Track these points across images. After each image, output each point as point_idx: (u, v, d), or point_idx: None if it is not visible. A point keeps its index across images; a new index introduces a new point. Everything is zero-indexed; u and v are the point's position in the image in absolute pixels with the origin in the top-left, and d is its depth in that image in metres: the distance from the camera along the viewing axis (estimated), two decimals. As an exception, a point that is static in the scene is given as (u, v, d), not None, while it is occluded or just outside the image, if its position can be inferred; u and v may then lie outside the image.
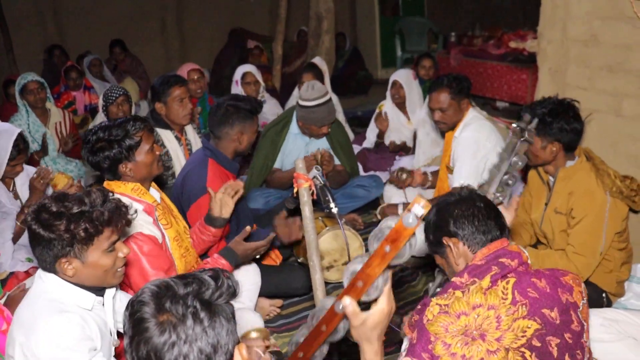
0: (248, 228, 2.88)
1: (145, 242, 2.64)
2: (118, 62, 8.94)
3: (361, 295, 1.53)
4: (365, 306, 1.61)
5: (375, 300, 1.58)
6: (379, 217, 4.31)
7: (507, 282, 1.87)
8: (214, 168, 3.43)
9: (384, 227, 1.47)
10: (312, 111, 4.31)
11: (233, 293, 1.46)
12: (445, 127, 3.99)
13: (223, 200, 2.98)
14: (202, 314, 1.37)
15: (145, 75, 9.03)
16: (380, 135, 5.71)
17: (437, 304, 1.87)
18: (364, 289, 1.51)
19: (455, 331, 1.79)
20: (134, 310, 1.39)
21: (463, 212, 2.07)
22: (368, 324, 1.58)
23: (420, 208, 1.36)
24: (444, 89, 3.84)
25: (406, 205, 3.95)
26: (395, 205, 4.04)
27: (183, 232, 3.03)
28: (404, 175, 4.38)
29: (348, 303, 1.54)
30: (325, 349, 1.77)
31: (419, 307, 1.98)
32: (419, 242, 1.53)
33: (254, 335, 2.86)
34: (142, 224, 2.65)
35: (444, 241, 2.11)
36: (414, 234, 1.43)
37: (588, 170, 3.01)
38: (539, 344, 1.79)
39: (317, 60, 6.31)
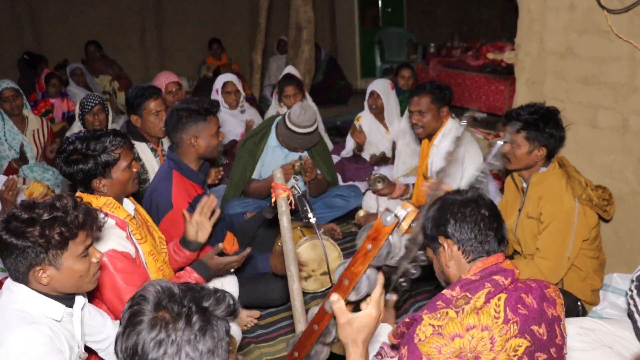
0: (220, 245, 2.80)
1: (119, 259, 2.53)
2: (94, 62, 8.82)
3: (348, 292, 1.59)
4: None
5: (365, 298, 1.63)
6: (371, 185, 4.31)
7: (499, 299, 1.85)
8: (178, 181, 3.31)
9: (368, 227, 1.53)
10: (297, 137, 4.31)
11: (232, 311, 1.46)
12: (421, 132, 3.97)
13: (200, 223, 2.84)
14: (195, 318, 1.38)
15: (123, 74, 8.99)
16: (359, 147, 5.71)
17: (430, 324, 1.82)
18: (350, 286, 1.57)
19: (449, 353, 1.76)
20: (134, 302, 1.41)
21: (465, 216, 1.99)
22: (355, 325, 1.61)
23: (403, 211, 1.42)
24: (426, 94, 3.87)
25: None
26: (376, 215, 4.03)
27: (159, 243, 2.97)
28: (379, 185, 4.35)
29: (336, 299, 1.59)
30: (326, 352, 1.79)
31: (407, 319, 1.93)
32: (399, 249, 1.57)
33: None
34: (116, 239, 2.56)
35: (440, 240, 2.04)
36: (398, 238, 1.47)
37: (559, 176, 3.06)
38: None
39: (292, 70, 6.31)
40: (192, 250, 2.88)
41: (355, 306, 1.69)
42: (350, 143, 5.85)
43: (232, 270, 2.96)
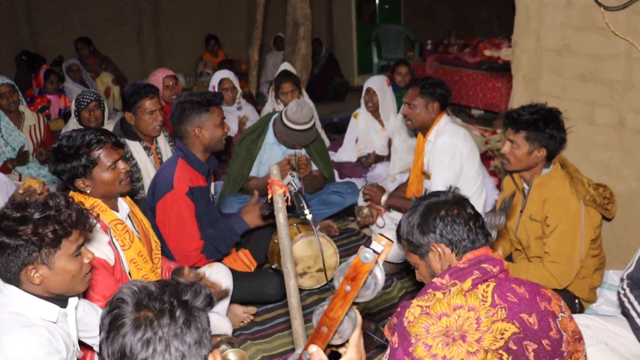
0: (201, 273, 2.97)
1: (94, 264, 2.47)
2: (84, 58, 8.78)
3: (327, 341, 1.47)
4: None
5: (346, 344, 1.53)
6: (358, 218, 4.33)
7: (488, 286, 1.87)
8: (182, 166, 3.38)
9: (345, 265, 1.41)
10: (294, 133, 4.31)
11: (210, 301, 1.47)
12: (410, 125, 3.98)
13: (198, 276, 2.96)
14: (178, 312, 1.38)
15: (118, 73, 8.98)
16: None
17: (418, 305, 1.85)
18: (330, 334, 1.46)
19: (436, 332, 1.78)
20: (112, 306, 1.40)
21: (454, 218, 2.01)
22: None
23: (379, 245, 1.33)
24: (417, 87, 3.87)
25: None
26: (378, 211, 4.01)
27: (155, 247, 2.97)
28: (365, 211, 4.34)
29: (315, 351, 1.47)
30: None
31: (398, 309, 1.96)
32: (392, 249, 1.52)
33: (231, 358, 2.81)
34: (94, 244, 2.54)
35: (431, 246, 2.04)
36: (380, 270, 1.40)
37: (562, 178, 3.05)
38: (515, 347, 1.79)
39: (288, 66, 6.28)
40: None
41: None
42: (349, 152, 5.84)
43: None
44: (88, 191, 2.65)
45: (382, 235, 1.35)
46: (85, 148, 2.59)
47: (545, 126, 2.96)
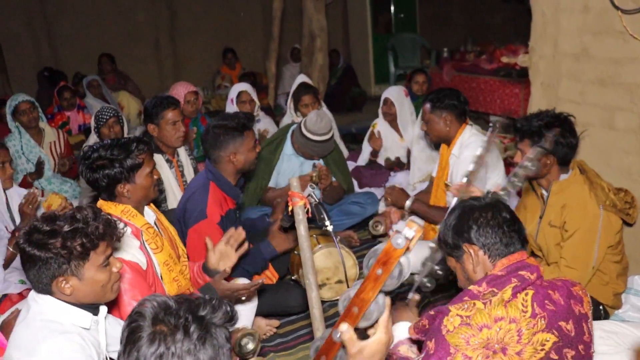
0: (228, 269, 2.81)
1: (124, 269, 2.51)
2: (105, 74, 8.88)
3: (357, 321, 1.52)
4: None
5: (373, 326, 1.56)
6: (371, 230, 4.33)
7: (527, 294, 1.86)
8: (214, 192, 3.35)
9: (378, 249, 1.45)
10: (313, 144, 4.32)
11: (230, 318, 1.48)
12: (429, 138, 4.04)
13: (224, 252, 2.87)
14: (192, 328, 1.39)
15: (137, 91, 9.05)
16: (374, 153, 5.71)
17: (457, 314, 1.84)
18: (360, 314, 1.50)
19: (476, 344, 1.77)
20: (131, 319, 1.42)
21: (488, 221, 2.01)
22: (365, 353, 1.55)
23: (411, 231, 1.35)
24: (427, 102, 3.91)
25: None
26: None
27: (182, 254, 2.99)
28: (380, 227, 4.38)
29: (345, 329, 1.52)
30: None
31: (431, 312, 1.94)
32: (413, 260, 1.53)
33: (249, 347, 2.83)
34: (125, 248, 2.59)
35: (464, 247, 2.05)
36: (406, 259, 1.42)
37: (581, 184, 3.02)
38: (556, 357, 1.80)
39: (305, 78, 6.31)
40: (211, 277, 2.88)
41: (362, 331, 1.61)
42: (367, 150, 5.84)
43: (243, 298, 2.94)
44: (129, 196, 2.69)
45: (414, 222, 1.37)
46: (135, 150, 2.67)
47: (548, 133, 2.94)
